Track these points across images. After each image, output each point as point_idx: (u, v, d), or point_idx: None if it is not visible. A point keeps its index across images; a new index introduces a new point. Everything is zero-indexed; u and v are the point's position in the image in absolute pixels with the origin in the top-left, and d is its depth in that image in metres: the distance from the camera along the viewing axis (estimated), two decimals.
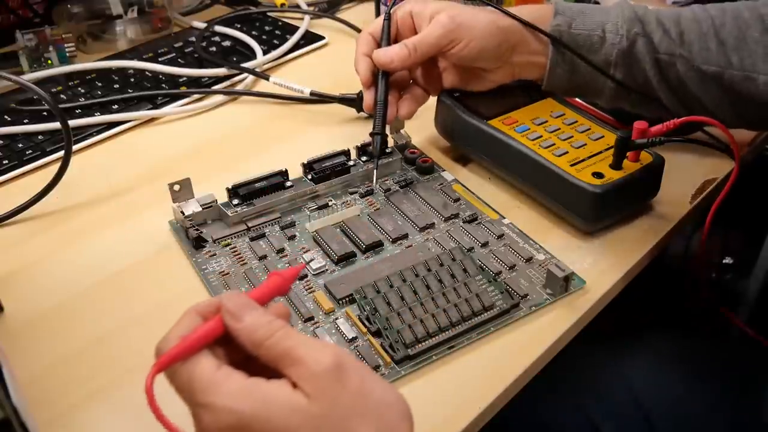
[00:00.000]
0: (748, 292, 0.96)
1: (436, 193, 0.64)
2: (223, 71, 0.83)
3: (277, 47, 0.88)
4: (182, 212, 0.59)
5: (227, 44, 0.91)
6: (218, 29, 0.93)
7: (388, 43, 0.64)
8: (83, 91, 0.80)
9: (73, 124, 0.71)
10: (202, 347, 0.35)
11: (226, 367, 0.35)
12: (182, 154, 0.72)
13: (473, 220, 0.61)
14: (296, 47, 0.91)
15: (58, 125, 0.71)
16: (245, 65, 0.84)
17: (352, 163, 0.65)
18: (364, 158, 0.66)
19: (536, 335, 0.51)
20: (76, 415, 0.46)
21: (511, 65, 0.63)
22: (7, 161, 0.69)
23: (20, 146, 0.71)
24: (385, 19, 0.65)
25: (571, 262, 0.56)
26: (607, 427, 0.64)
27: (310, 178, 0.64)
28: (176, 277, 0.57)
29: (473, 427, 0.46)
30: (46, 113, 0.76)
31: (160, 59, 0.86)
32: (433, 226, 0.60)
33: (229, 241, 0.59)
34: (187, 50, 0.88)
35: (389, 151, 0.67)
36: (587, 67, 0.61)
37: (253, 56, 0.87)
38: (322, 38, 0.93)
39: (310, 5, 1.01)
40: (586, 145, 0.61)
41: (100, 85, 0.82)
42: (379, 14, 0.98)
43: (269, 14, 0.99)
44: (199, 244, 0.58)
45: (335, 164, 0.64)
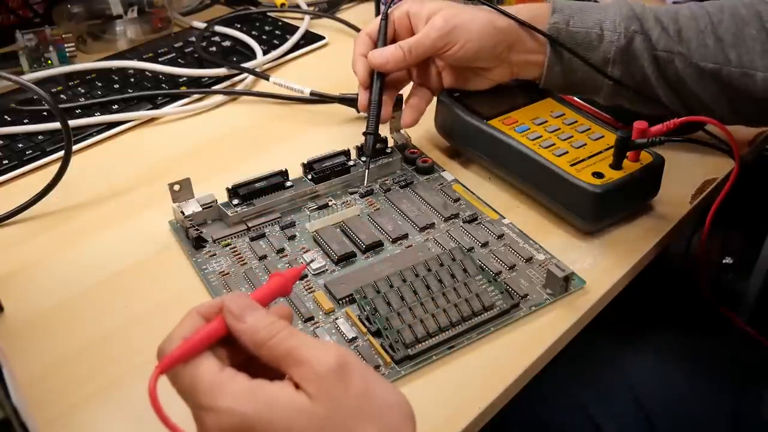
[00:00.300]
0: (748, 292, 0.96)
1: (436, 193, 0.64)
2: (223, 71, 0.83)
3: (277, 47, 0.88)
4: (182, 212, 0.59)
5: (227, 44, 0.91)
6: (218, 29, 0.93)
7: (384, 43, 0.64)
8: (83, 91, 0.80)
9: (73, 124, 0.71)
10: (204, 348, 0.35)
11: (228, 368, 0.35)
12: (182, 154, 0.72)
13: (473, 220, 0.61)
14: (296, 47, 0.91)
15: (58, 125, 0.71)
16: (245, 65, 0.84)
17: (352, 163, 0.65)
18: (363, 158, 0.66)
19: (536, 335, 0.51)
20: (76, 415, 0.46)
21: (509, 64, 0.63)
22: (7, 161, 0.69)
23: (20, 146, 0.71)
24: (382, 19, 0.65)
25: (571, 262, 0.57)
26: (607, 426, 0.64)
27: (310, 178, 0.64)
28: (176, 277, 0.57)
29: (473, 427, 0.46)
30: (46, 113, 0.76)
31: (160, 59, 0.86)
32: (433, 226, 0.60)
33: (229, 241, 0.59)
34: (187, 50, 0.88)
35: (389, 151, 0.67)
36: (585, 65, 0.61)
37: (253, 56, 0.87)
38: (322, 38, 0.93)
39: (310, 5, 1.01)
40: (586, 145, 0.61)
41: (100, 85, 0.82)
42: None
43: (269, 14, 0.99)
44: (199, 244, 0.58)
45: (335, 164, 0.64)
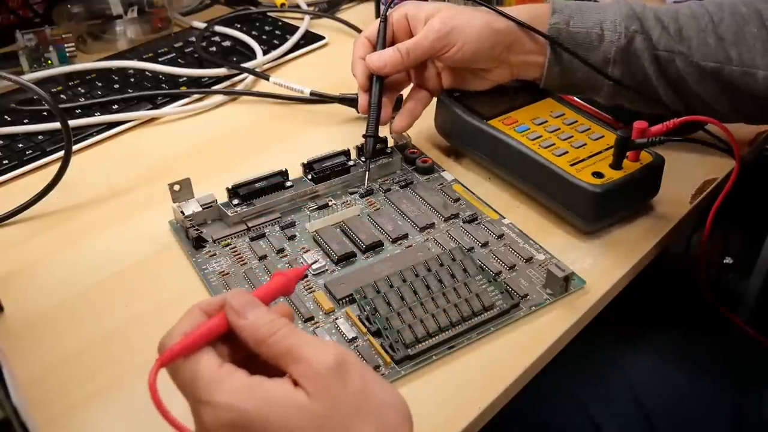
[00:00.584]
0: (748, 292, 0.96)
1: (436, 193, 0.64)
2: (223, 71, 0.83)
3: (277, 47, 0.88)
4: (182, 212, 0.59)
5: (227, 44, 0.91)
6: (218, 29, 0.93)
7: (383, 46, 0.65)
8: (83, 91, 0.80)
9: (73, 124, 0.71)
10: (205, 344, 0.35)
11: (228, 364, 0.35)
12: (182, 154, 0.72)
13: (473, 220, 0.61)
14: (296, 47, 0.91)
15: (58, 125, 0.71)
16: (245, 65, 0.84)
17: (352, 163, 0.65)
18: (363, 158, 0.66)
19: (536, 335, 0.51)
20: (76, 415, 0.46)
21: (508, 65, 0.63)
22: (7, 161, 0.69)
23: (20, 146, 0.71)
24: (381, 21, 0.65)
25: (571, 262, 0.57)
26: (607, 426, 0.64)
27: (310, 178, 0.64)
28: (176, 277, 0.57)
29: (473, 427, 0.46)
30: (46, 113, 0.76)
31: (160, 59, 0.86)
32: (433, 226, 0.60)
33: (229, 241, 0.59)
34: (187, 50, 0.88)
35: (389, 151, 0.67)
36: (585, 65, 0.61)
37: (253, 56, 0.87)
38: (322, 38, 0.93)
39: (310, 5, 1.01)
40: (586, 144, 0.61)
41: (100, 85, 0.82)
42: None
43: (269, 14, 0.99)
44: (199, 244, 0.58)
45: (335, 164, 0.64)
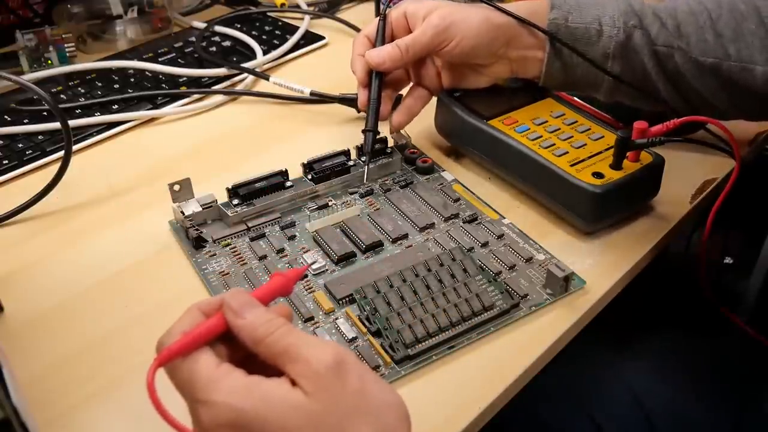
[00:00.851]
0: (748, 292, 0.96)
1: (436, 193, 0.64)
2: (223, 71, 0.83)
3: (277, 47, 0.88)
4: (182, 212, 0.59)
5: (227, 44, 0.91)
6: (218, 29, 0.93)
7: (382, 43, 0.65)
8: (83, 91, 0.80)
9: (73, 124, 0.71)
10: (203, 343, 0.35)
11: (226, 364, 0.35)
12: (182, 154, 0.72)
13: (473, 220, 0.61)
14: (296, 47, 0.91)
15: (58, 125, 0.71)
16: (245, 65, 0.84)
17: (352, 163, 0.65)
18: (363, 158, 0.66)
19: (536, 335, 0.51)
20: (76, 415, 0.46)
21: (508, 61, 0.63)
22: (7, 161, 0.69)
23: (20, 146, 0.71)
24: (380, 19, 0.65)
25: (571, 262, 0.56)
26: (607, 426, 0.64)
27: (310, 178, 0.64)
28: (176, 277, 0.57)
29: (473, 427, 0.46)
30: (46, 113, 0.76)
31: (160, 59, 0.86)
32: (433, 226, 0.60)
33: (229, 241, 0.59)
34: (187, 50, 0.88)
35: (389, 151, 0.67)
36: (584, 61, 0.61)
37: (253, 56, 0.87)
38: (322, 38, 0.93)
39: (310, 5, 1.01)
40: (586, 145, 0.61)
41: (100, 85, 0.82)
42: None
43: (269, 14, 0.99)
44: (199, 244, 0.58)
45: (335, 164, 0.64)
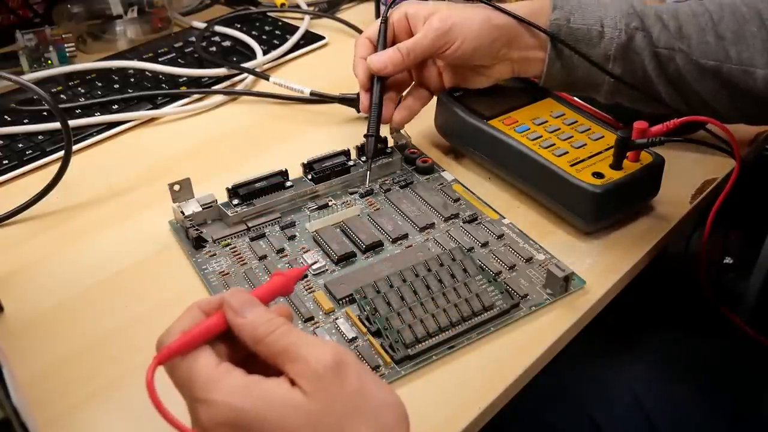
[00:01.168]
0: (748, 292, 0.96)
1: (436, 193, 0.64)
2: (223, 71, 0.83)
3: (277, 47, 0.88)
4: (182, 212, 0.59)
5: (227, 44, 0.91)
6: (218, 29, 0.93)
7: (384, 46, 0.65)
8: (83, 91, 0.80)
9: (73, 124, 0.71)
10: (203, 342, 0.36)
11: (226, 363, 0.35)
12: (182, 154, 0.72)
13: (473, 220, 0.61)
14: (296, 47, 0.91)
15: (58, 125, 0.71)
16: (245, 65, 0.84)
17: (352, 163, 0.65)
18: (364, 158, 0.66)
19: (536, 335, 0.51)
20: (76, 415, 0.46)
21: (509, 61, 0.63)
22: (7, 161, 0.69)
23: (20, 146, 0.71)
24: (381, 22, 0.65)
25: (571, 262, 0.56)
26: (607, 426, 0.64)
27: (310, 178, 0.64)
28: (176, 277, 0.57)
29: (473, 427, 0.46)
30: (46, 113, 0.76)
31: (160, 59, 0.86)
32: (433, 226, 0.60)
33: (229, 241, 0.59)
34: (187, 50, 0.88)
35: (389, 151, 0.67)
36: (585, 62, 0.61)
37: (253, 56, 0.87)
38: (322, 38, 0.93)
39: (310, 5, 1.01)
40: (586, 145, 0.61)
41: (100, 85, 0.82)
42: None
43: (269, 14, 0.99)
44: (199, 244, 0.58)
45: (335, 164, 0.64)
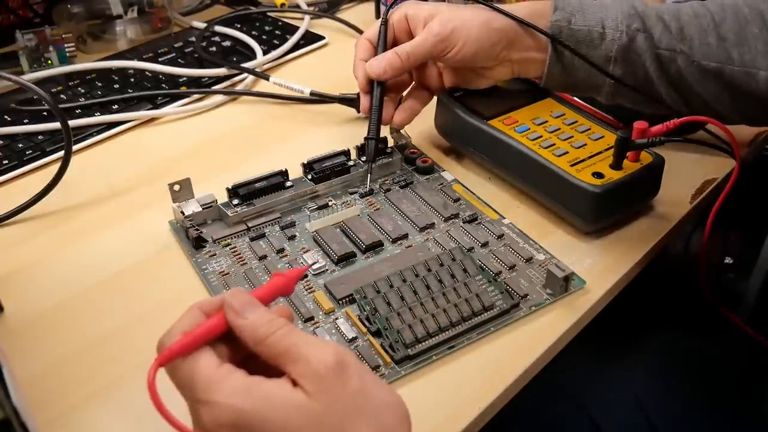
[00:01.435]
0: (748, 292, 0.96)
1: (436, 193, 0.64)
2: (223, 71, 0.83)
3: (277, 47, 0.88)
4: (182, 212, 0.59)
5: (227, 44, 0.91)
6: (218, 29, 0.93)
7: (384, 48, 0.65)
8: (83, 91, 0.80)
9: (73, 124, 0.71)
10: (203, 343, 0.35)
11: (227, 364, 0.35)
12: (182, 154, 0.72)
13: (473, 220, 0.61)
14: (296, 47, 0.91)
15: (58, 125, 0.71)
16: (245, 65, 0.84)
17: (352, 163, 0.65)
18: (364, 158, 0.66)
19: (536, 335, 0.51)
20: (76, 415, 0.46)
21: (509, 63, 0.63)
22: (7, 161, 0.69)
23: (20, 146, 0.71)
24: (381, 23, 0.65)
25: (571, 262, 0.56)
26: (607, 427, 0.64)
27: (310, 178, 0.64)
28: (176, 277, 0.57)
29: (473, 427, 0.46)
30: (46, 113, 0.76)
31: (160, 59, 0.86)
32: (433, 226, 0.60)
33: (229, 241, 0.59)
34: (187, 50, 0.88)
35: (389, 151, 0.67)
36: (586, 63, 0.61)
37: (253, 56, 0.87)
38: (322, 38, 0.93)
39: (310, 5, 1.01)
40: (586, 145, 0.61)
41: (100, 85, 0.82)
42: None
43: (269, 14, 0.99)
44: (199, 244, 0.58)
45: (335, 164, 0.64)
